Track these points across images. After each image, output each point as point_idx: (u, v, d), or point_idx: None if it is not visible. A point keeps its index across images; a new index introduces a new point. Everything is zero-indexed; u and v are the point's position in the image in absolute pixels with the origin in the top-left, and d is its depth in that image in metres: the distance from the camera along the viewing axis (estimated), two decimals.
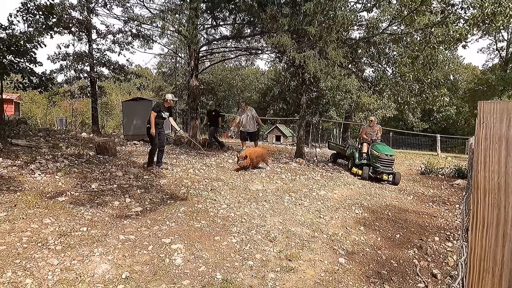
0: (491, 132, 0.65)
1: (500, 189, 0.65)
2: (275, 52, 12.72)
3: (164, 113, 7.13)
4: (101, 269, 2.92)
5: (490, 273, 0.66)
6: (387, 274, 3.43)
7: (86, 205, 4.49)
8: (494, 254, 0.66)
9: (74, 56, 14.21)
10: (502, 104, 0.64)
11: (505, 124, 0.63)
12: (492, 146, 0.65)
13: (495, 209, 0.65)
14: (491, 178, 0.66)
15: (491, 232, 0.66)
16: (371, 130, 9.60)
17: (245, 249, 3.66)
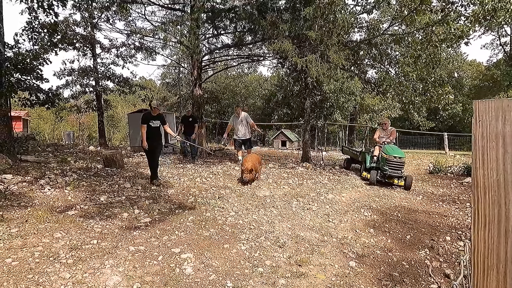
0: (488, 130, 0.66)
1: (500, 186, 0.65)
2: (277, 58, 12.80)
3: (153, 123, 6.70)
4: (113, 281, 2.94)
5: (495, 270, 0.67)
6: (399, 276, 3.40)
7: (95, 218, 4.53)
8: (497, 251, 0.66)
9: (79, 71, 14.47)
10: (496, 102, 0.65)
11: (501, 121, 0.64)
12: (489, 144, 0.66)
13: (495, 206, 0.66)
14: (490, 175, 0.66)
15: (493, 229, 0.66)
16: (385, 133, 9.05)
17: (255, 256, 3.65)
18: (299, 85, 14.54)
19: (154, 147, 6.77)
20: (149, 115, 6.73)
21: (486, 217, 0.68)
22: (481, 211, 0.68)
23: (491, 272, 0.67)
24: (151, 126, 6.67)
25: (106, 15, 13.84)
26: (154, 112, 6.76)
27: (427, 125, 31.27)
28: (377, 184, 8.04)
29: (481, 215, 0.68)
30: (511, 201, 0.64)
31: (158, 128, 6.82)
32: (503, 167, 0.64)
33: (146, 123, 6.61)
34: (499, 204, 0.65)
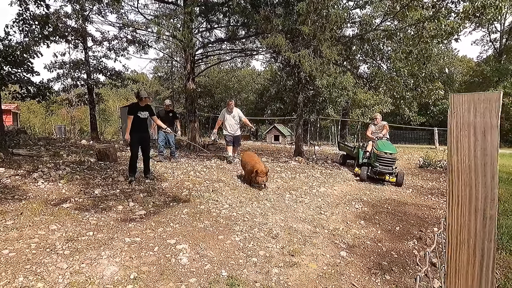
0: (461, 120, 0.74)
1: (471, 170, 0.74)
2: (270, 52, 12.85)
3: (141, 114, 6.38)
4: (110, 271, 3.00)
5: (466, 244, 0.75)
6: (388, 265, 3.52)
7: (90, 211, 4.57)
8: (468, 228, 0.75)
9: (70, 64, 14.30)
10: (469, 96, 0.73)
11: (472, 113, 0.72)
12: (462, 133, 0.74)
13: (467, 188, 0.74)
14: (463, 161, 0.75)
15: (465, 209, 0.75)
16: (376, 128, 8.97)
17: (249, 247, 3.74)
18: (292, 80, 14.62)
19: (143, 138, 6.53)
20: (136, 106, 6.41)
21: (459, 197, 0.76)
22: (455, 192, 0.77)
23: (463, 246, 0.76)
24: (139, 117, 6.36)
25: (97, 7, 13.70)
26: (142, 102, 6.46)
27: (418, 120, 31.69)
28: (367, 180, 7.96)
29: (454, 196, 0.77)
30: (480, 183, 0.73)
31: (146, 119, 6.53)
32: (474, 153, 0.73)
33: (134, 114, 6.30)
34: (470, 186, 0.74)
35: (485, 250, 0.74)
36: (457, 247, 0.78)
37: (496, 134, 0.70)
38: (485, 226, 0.73)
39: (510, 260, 3.46)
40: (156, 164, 8.21)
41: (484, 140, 0.72)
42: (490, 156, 0.71)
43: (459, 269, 0.78)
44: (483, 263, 0.74)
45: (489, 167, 0.72)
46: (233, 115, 8.96)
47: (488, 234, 0.73)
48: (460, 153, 0.75)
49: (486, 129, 0.71)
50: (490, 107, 0.70)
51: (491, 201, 0.72)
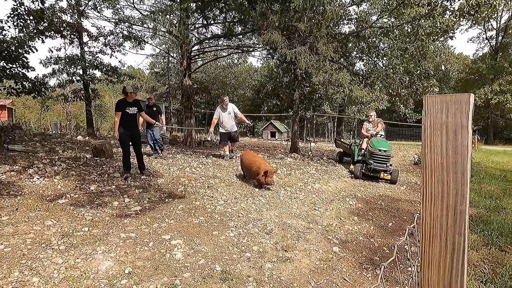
0: (434, 121, 0.78)
1: (443, 168, 0.78)
2: (266, 49, 12.85)
3: (130, 110, 6.22)
4: (105, 266, 3.04)
5: (438, 237, 0.80)
6: (379, 260, 3.58)
7: (86, 206, 4.60)
8: (440, 222, 0.79)
9: (66, 59, 14.23)
10: (441, 97, 0.76)
11: (444, 113, 0.76)
12: (435, 133, 0.78)
13: (439, 185, 0.78)
14: (435, 159, 0.79)
15: (437, 204, 0.79)
16: (372, 125, 8.84)
17: (243, 242, 3.79)
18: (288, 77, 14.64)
19: (133, 135, 6.38)
20: (124, 102, 6.23)
21: (432, 194, 0.80)
22: (428, 189, 0.81)
23: (435, 239, 0.80)
24: (128, 114, 6.20)
25: (93, 2, 13.63)
26: (129, 97, 6.27)
27: (414, 117, 31.83)
28: (362, 178, 7.91)
29: (428, 193, 0.81)
30: (451, 180, 0.77)
31: (135, 115, 6.38)
32: (445, 152, 0.77)
33: (121, 110, 6.13)
34: (442, 183, 0.78)
35: (456, 243, 0.78)
36: (430, 241, 0.82)
37: (466, 134, 0.74)
38: (456, 221, 0.77)
39: (499, 256, 3.53)
40: (152, 160, 8.23)
41: (455, 140, 0.75)
42: (461, 154, 0.75)
43: (431, 261, 0.82)
44: (454, 255, 0.78)
45: (459, 165, 0.76)
46: (228, 112, 8.77)
47: (458, 228, 0.77)
48: (433, 151, 0.79)
49: (457, 129, 0.75)
50: (460, 108, 0.74)
51: (461, 197, 0.76)
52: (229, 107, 8.75)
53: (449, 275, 0.79)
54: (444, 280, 0.80)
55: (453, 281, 0.78)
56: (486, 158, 12.10)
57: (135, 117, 6.40)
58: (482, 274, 3.12)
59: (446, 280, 0.79)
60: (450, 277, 0.79)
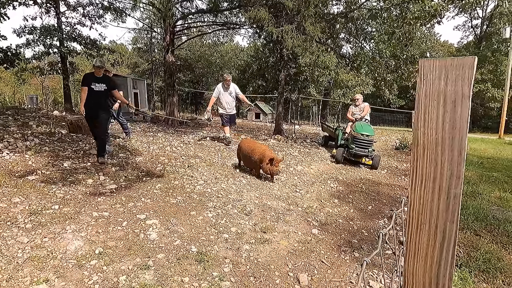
0: (431, 89, 0.66)
1: (438, 144, 0.67)
2: (253, 27, 12.50)
3: (96, 86, 5.48)
4: (74, 246, 2.90)
5: (427, 225, 0.70)
6: (358, 243, 3.57)
7: (58, 184, 4.39)
8: (430, 208, 0.69)
9: (41, 29, 13.44)
10: (440, 61, 0.65)
11: (443, 80, 0.64)
12: (431, 103, 0.67)
13: (432, 164, 0.68)
14: (429, 134, 0.68)
15: (429, 187, 0.69)
16: (357, 109, 8.59)
17: (221, 223, 3.71)
18: (274, 57, 14.37)
19: (96, 116, 5.57)
20: (91, 76, 5.53)
21: (423, 175, 0.70)
22: (419, 169, 0.70)
23: (424, 227, 0.70)
24: (93, 90, 5.47)
25: None
26: (97, 72, 5.53)
27: (398, 103, 32.20)
28: (343, 162, 7.79)
29: (418, 173, 0.70)
30: (446, 159, 0.66)
31: (102, 93, 5.60)
32: (442, 126, 0.66)
33: (87, 85, 5.43)
34: (435, 162, 0.67)
35: (447, 231, 0.68)
36: (418, 228, 0.72)
37: (467, 105, 0.63)
38: (449, 206, 0.67)
39: (474, 240, 3.58)
40: (131, 138, 7.97)
41: (454, 112, 0.64)
42: (459, 129, 0.64)
43: (418, 251, 0.73)
44: (444, 245, 0.69)
45: (457, 142, 0.65)
46: (229, 92, 8.09)
47: (451, 214, 0.67)
48: (428, 125, 0.68)
49: (456, 99, 0.64)
50: (463, 74, 0.62)
51: (457, 178, 0.66)
52: (231, 87, 8.09)
53: (436, 267, 0.70)
54: (431, 272, 0.70)
55: (440, 273, 0.69)
56: None
57: (103, 95, 5.63)
58: (457, 258, 3.15)
59: (433, 272, 0.70)
60: (438, 269, 0.70)
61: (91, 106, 5.47)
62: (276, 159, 5.44)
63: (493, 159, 8.97)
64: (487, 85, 29.01)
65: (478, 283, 2.74)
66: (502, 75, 25.86)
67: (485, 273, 2.88)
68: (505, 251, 3.30)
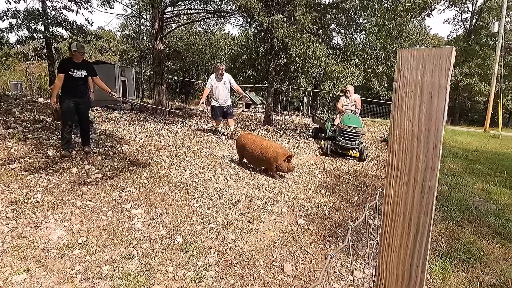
0: (408, 79, 0.65)
1: (414, 136, 0.66)
2: (244, 16, 12.35)
3: (75, 72, 5.08)
4: (56, 235, 2.85)
5: (401, 217, 0.70)
6: (343, 233, 3.61)
7: (41, 172, 4.30)
8: (405, 200, 0.69)
9: (25, 13, 13.01)
10: (418, 50, 0.63)
11: (420, 71, 0.63)
12: (408, 94, 0.65)
13: (407, 156, 0.67)
14: (406, 125, 0.67)
15: (404, 179, 0.68)
16: (348, 101, 8.35)
17: (207, 213, 3.70)
18: (265, 47, 14.25)
19: (79, 104, 5.23)
20: (69, 62, 5.10)
21: (398, 167, 0.69)
22: (395, 161, 0.70)
23: (398, 219, 0.70)
24: (72, 77, 5.06)
25: None
26: (76, 57, 5.10)
27: (387, 95, 32.42)
28: (331, 155, 7.68)
29: (394, 165, 0.70)
30: (421, 151, 0.65)
31: (82, 79, 5.21)
32: (418, 117, 0.65)
33: (65, 72, 5.00)
34: (411, 154, 0.67)
35: (421, 224, 0.68)
36: (393, 220, 0.72)
37: (444, 97, 0.62)
38: (423, 198, 0.67)
39: (456, 230, 3.65)
40: (118, 126, 7.86)
41: (430, 103, 0.63)
42: (435, 121, 0.64)
43: (392, 243, 0.73)
44: (417, 237, 0.69)
45: (432, 134, 0.64)
46: (223, 82, 7.73)
47: (425, 207, 0.67)
48: (404, 117, 0.67)
49: (433, 89, 0.63)
50: (440, 64, 0.61)
51: (431, 171, 0.65)
52: (224, 77, 7.73)
53: (409, 259, 0.70)
54: (404, 265, 0.70)
55: (413, 265, 0.69)
56: (451, 137, 12.55)
57: (83, 82, 5.26)
58: (439, 248, 3.21)
59: (407, 265, 0.70)
60: (411, 261, 0.70)
61: (71, 94, 5.12)
62: (291, 155, 5.27)
63: (478, 152, 9.14)
64: (474, 79, 29.41)
65: (458, 272, 2.81)
66: (490, 69, 26.22)
67: (465, 263, 2.94)
68: (485, 242, 3.38)
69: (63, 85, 5.05)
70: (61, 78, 4.99)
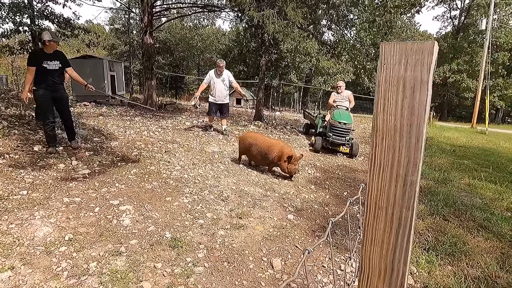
0: (391, 73, 0.65)
1: (396, 131, 0.66)
2: (234, 10, 12.26)
3: (49, 64, 4.74)
4: (42, 232, 2.81)
5: (384, 211, 0.70)
6: (332, 228, 3.64)
7: (27, 168, 4.22)
8: (387, 194, 0.69)
9: (10, 5, 12.67)
10: (401, 44, 0.63)
11: (403, 65, 0.63)
12: (391, 89, 0.65)
13: (390, 151, 0.67)
14: (388, 120, 0.67)
15: (386, 173, 0.69)
16: (340, 97, 8.30)
17: (197, 209, 3.68)
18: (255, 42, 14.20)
19: (57, 97, 4.96)
20: (40, 53, 4.75)
21: (381, 162, 0.69)
22: (378, 156, 0.70)
23: (381, 213, 0.70)
24: (46, 69, 4.73)
25: None
26: (48, 48, 4.75)
27: None
28: (321, 151, 7.65)
29: (377, 160, 0.70)
30: (404, 146, 0.66)
31: (57, 71, 4.89)
32: (400, 112, 0.65)
33: (36, 64, 4.66)
34: (393, 149, 0.67)
35: (403, 218, 0.69)
36: (375, 215, 0.72)
37: (426, 92, 0.62)
38: (405, 193, 0.67)
39: (442, 225, 3.71)
40: (107, 122, 7.76)
41: (412, 98, 0.64)
42: (417, 116, 0.64)
43: (375, 237, 0.73)
44: (400, 231, 0.69)
45: (415, 128, 0.64)
46: (222, 79, 7.54)
47: (407, 201, 0.67)
48: (387, 111, 0.67)
49: (415, 84, 0.63)
50: (422, 59, 0.61)
51: (414, 165, 0.65)
52: (224, 74, 7.53)
53: (392, 253, 0.70)
54: (387, 259, 0.71)
55: (396, 259, 0.70)
56: (439, 133, 12.73)
57: (58, 74, 4.94)
58: (426, 242, 3.26)
59: (389, 259, 0.71)
60: (393, 255, 0.70)
61: (46, 88, 4.81)
62: (295, 156, 5.08)
63: (465, 147, 9.30)
64: (462, 76, 29.81)
65: (444, 265, 2.85)
66: (477, 66, 26.61)
67: (451, 256, 3.00)
68: (471, 235, 3.44)
69: (37, 80, 4.73)
70: (33, 71, 4.66)
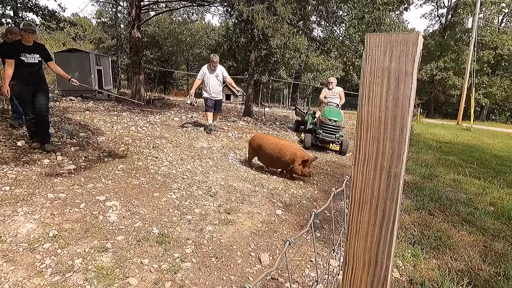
0: (376, 65, 0.65)
1: (380, 123, 0.66)
2: (224, 5, 12.16)
3: (27, 57, 4.44)
4: (26, 229, 2.75)
5: (368, 204, 0.70)
6: (320, 223, 3.67)
7: (10, 164, 4.12)
8: (372, 187, 0.69)
9: None
10: (386, 36, 0.63)
11: (388, 56, 0.63)
12: (375, 80, 0.65)
13: (375, 143, 0.67)
14: (373, 112, 0.66)
15: (371, 165, 0.69)
16: (331, 93, 8.22)
17: (185, 205, 3.66)
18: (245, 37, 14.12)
19: (36, 92, 4.59)
20: (17, 45, 4.44)
21: (366, 154, 0.69)
22: (362, 148, 0.69)
23: (365, 205, 0.70)
24: (24, 62, 4.43)
25: None
26: (26, 39, 4.44)
27: None
28: (311, 148, 7.61)
29: (361, 152, 0.70)
30: (388, 138, 0.65)
31: (37, 64, 4.59)
32: (385, 103, 0.65)
33: (15, 57, 4.35)
34: (378, 140, 0.67)
35: (387, 210, 0.69)
36: (360, 207, 0.72)
37: (410, 83, 0.62)
38: (389, 185, 0.67)
39: (428, 219, 3.78)
40: (93, 117, 7.62)
41: (397, 89, 0.63)
42: (402, 108, 0.64)
43: (359, 230, 0.73)
44: (383, 224, 0.69)
45: (399, 120, 0.64)
46: (216, 74, 7.41)
47: (391, 193, 0.67)
48: (372, 103, 0.67)
49: (400, 76, 0.62)
50: (406, 50, 0.61)
51: (398, 158, 0.65)
52: (217, 69, 7.40)
53: (376, 246, 0.70)
54: (371, 251, 0.71)
55: (380, 252, 0.70)
56: (426, 130, 12.94)
57: (38, 67, 4.63)
58: (412, 236, 3.31)
59: (373, 251, 0.71)
60: (378, 247, 0.70)
61: (25, 82, 4.50)
62: (310, 159, 4.96)
63: (451, 144, 9.47)
64: (449, 73, 30.30)
65: (429, 259, 2.91)
66: (463, 64, 27.08)
67: (436, 250, 3.05)
68: (455, 229, 3.51)
69: (15, 73, 4.40)
70: (12, 63, 4.34)
